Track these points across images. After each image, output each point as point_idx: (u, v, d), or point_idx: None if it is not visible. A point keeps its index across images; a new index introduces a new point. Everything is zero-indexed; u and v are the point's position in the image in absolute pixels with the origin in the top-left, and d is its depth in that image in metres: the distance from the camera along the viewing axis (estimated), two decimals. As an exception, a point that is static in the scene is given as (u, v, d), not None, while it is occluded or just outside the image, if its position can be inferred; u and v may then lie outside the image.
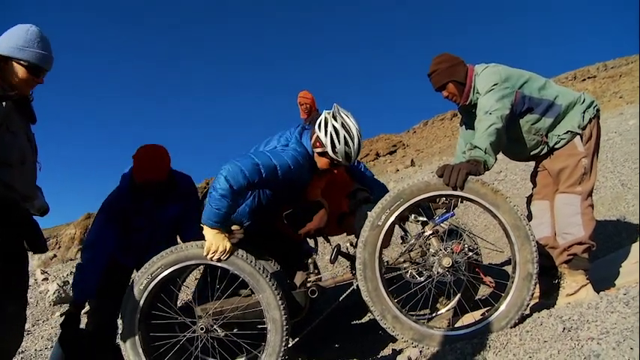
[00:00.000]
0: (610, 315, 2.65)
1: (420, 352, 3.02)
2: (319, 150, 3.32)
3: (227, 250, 3.06)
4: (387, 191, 3.45)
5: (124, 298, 3.14)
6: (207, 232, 3.06)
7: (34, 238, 2.77)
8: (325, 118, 3.30)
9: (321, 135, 3.27)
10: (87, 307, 3.89)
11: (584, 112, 3.46)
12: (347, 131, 3.25)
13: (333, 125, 3.24)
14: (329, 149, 3.26)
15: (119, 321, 3.13)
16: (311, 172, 3.39)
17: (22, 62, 2.64)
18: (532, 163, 3.84)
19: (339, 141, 3.23)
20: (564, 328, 2.66)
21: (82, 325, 3.64)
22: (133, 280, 3.18)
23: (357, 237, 3.26)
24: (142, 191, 3.60)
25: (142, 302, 3.11)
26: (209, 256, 3.05)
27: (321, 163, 3.38)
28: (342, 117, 3.28)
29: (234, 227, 3.26)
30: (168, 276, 3.14)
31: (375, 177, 4.12)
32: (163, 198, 3.69)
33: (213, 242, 3.04)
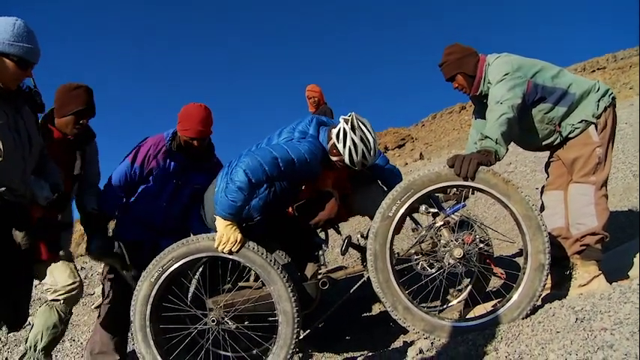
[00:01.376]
0: (623, 305, 2.63)
1: (432, 343, 3.02)
2: (336, 158, 3.32)
3: (238, 241, 3.04)
4: (401, 177, 3.44)
5: (135, 290, 3.15)
6: (220, 223, 3.06)
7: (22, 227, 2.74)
8: (344, 129, 3.26)
9: (339, 146, 3.26)
10: (99, 302, 3.93)
11: (598, 101, 3.42)
12: (365, 145, 3.24)
13: (352, 139, 3.22)
14: (346, 159, 3.26)
15: (131, 314, 3.14)
16: (323, 164, 3.38)
17: (11, 57, 2.61)
18: (542, 155, 3.81)
19: (357, 154, 3.23)
20: (577, 319, 2.64)
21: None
22: (144, 273, 3.18)
23: (359, 213, 3.21)
24: (181, 150, 3.73)
25: (153, 295, 3.12)
26: (220, 248, 3.05)
27: (336, 163, 3.38)
28: (360, 129, 3.25)
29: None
30: (180, 268, 3.15)
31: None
32: (195, 162, 3.79)
33: (224, 233, 3.04)
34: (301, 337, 3.31)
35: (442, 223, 3.19)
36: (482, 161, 3.03)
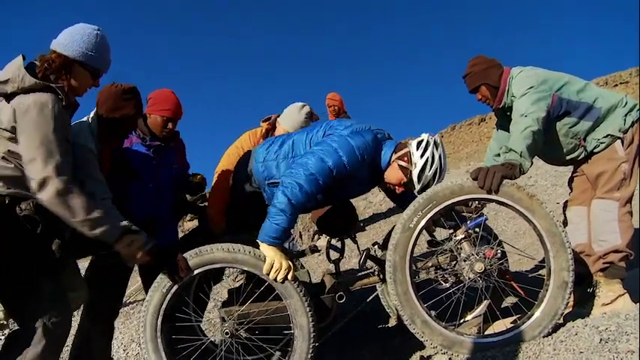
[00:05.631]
0: (650, 327, 2.56)
1: (449, 359, 2.96)
2: (403, 164, 3.17)
3: (286, 268, 2.91)
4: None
5: (146, 301, 3.10)
6: (267, 249, 2.93)
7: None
8: (428, 141, 3.15)
9: (416, 153, 3.12)
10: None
11: (625, 115, 3.36)
12: (441, 166, 3.13)
13: (433, 153, 3.11)
14: (416, 171, 3.12)
15: (141, 325, 3.10)
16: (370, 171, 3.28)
17: (88, 67, 2.68)
18: (563, 169, 3.77)
19: (430, 169, 3.10)
20: (601, 339, 2.57)
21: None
22: (155, 283, 3.13)
23: None
24: (152, 134, 3.69)
25: (164, 305, 3.05)
26: (271, 276, 2.91)
27: (393, 176, 3.24)
28: (443, 150, 3.16)
29: None
30: (192, 279, 3.08)
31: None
32: (165, 142, 3.75)
33: (275, 260, 2.90)
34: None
35: (463, 236, 3.13)
36: (507, 174, 2.98)
